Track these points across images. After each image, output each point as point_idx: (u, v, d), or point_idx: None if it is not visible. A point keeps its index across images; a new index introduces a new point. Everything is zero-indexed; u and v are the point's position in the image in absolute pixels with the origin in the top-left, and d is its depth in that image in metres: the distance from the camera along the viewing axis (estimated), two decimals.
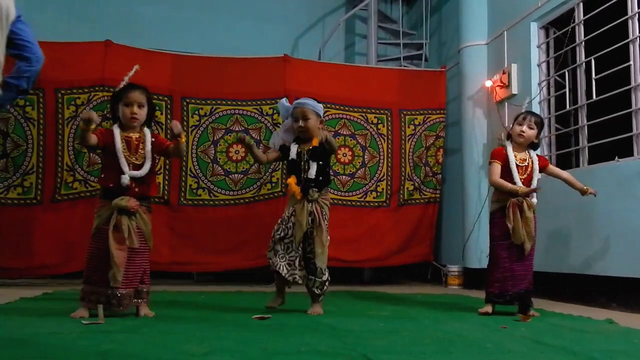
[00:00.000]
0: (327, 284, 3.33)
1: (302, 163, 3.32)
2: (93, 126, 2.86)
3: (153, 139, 3.08)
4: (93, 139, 2.92)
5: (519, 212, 3.35)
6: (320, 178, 3.32)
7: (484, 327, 2.82)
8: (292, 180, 3.29)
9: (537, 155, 3.59)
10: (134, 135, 3.03)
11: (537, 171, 3.49)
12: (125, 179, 2.91)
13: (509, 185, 3.40)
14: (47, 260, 4.88)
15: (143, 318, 2.93)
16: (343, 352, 2.02)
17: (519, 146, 3.52)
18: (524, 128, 3.47)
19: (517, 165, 3.45)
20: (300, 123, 3.32)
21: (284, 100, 3.43)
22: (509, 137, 3.59)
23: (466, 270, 5.59)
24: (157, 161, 3.25)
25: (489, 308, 3.42)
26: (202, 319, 2.93)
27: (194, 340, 2.23)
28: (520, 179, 3.43)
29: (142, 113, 3.02)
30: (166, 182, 5.19)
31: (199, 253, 5.22)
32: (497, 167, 3.47)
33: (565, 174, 3.67)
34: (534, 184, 3.47)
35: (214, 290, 4.76)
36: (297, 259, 3.24)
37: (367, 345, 2.17)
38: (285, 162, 3.47)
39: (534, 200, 3.44)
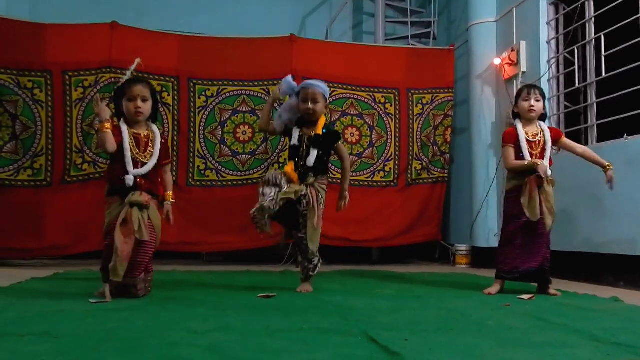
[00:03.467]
0: (318, 265, 3.31)
1: (302, 149, 3.25)
2: (109, 125, 2.80)
3: (163, 141, 3.06)
4: (113, 145, 2.83)
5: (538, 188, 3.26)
6: (317, 167, 3.25)
7: (487, 306, 2.82)
8: (289, 167, 3.22)
9: (549, 127, 3.48)
10: (143, 133, 2.98)
11: (550, 143, 3.38)
12: (130, 180, 2.87)
13: (524, 163, 3.31)
14: (58, 241, 4.95)
15: (149, 297, 2.96)
16: (344, 330, 2.04)
17: (529, 122, 3.44)
18: (533, 102, 3.40)
19: (529, 141, 3.37)
20: (310, 105, 3.24)
21: (289, 78, 3.34)
22: (516, 115, 3.51)
23: (474, 249, 5.60)
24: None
25: (494, 288, 3.38)
26: (208, 298, 2.95)
27: (198, 318, 2.26)
28: (534, 154, 3.34)
29: (146, 107, 2.96)
30: (174, 164, 5.21)
31: (207, 233, 5.27)
32: (510, 151, 3.40)
33: (580, 147, 3.52)
34: (547, 156, 3.35)
35: (222, 269, 4.80)
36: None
37: (369, 323, 2.18)
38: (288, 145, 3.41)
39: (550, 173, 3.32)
